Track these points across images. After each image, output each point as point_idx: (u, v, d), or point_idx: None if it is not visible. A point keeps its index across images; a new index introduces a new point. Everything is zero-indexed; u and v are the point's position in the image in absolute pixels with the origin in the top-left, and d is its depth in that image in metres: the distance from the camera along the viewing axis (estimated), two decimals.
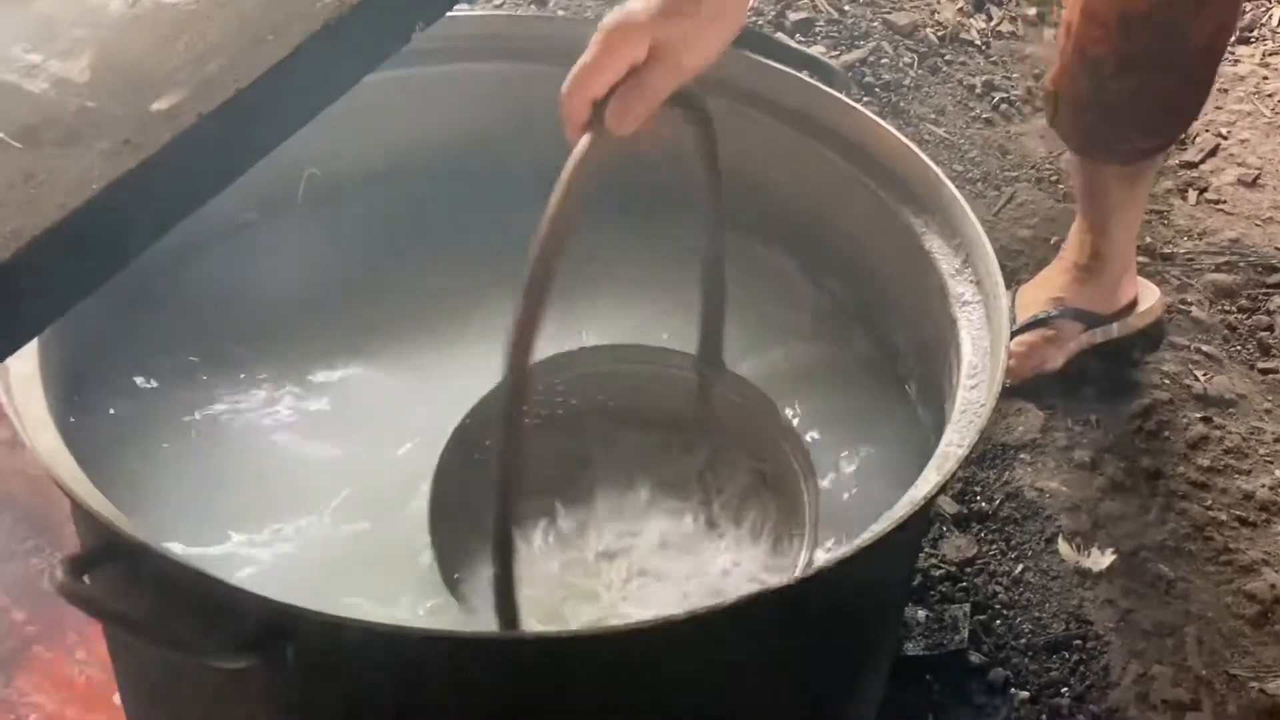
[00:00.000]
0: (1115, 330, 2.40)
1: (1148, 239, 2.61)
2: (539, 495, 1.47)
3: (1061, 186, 2.71)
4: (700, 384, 1.55)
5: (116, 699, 1.81)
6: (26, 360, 1.31)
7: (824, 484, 1.53)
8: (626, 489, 1.51)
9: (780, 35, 2.97)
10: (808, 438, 1.56)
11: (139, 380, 1.57)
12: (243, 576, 1.35)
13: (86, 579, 1.16)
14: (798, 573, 1.42)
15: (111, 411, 1.52)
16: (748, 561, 1.47)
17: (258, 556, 1.42)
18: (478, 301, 1.65)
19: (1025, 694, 1.97)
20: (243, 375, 1.59)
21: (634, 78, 1.25)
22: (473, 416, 1.47)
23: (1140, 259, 2.49)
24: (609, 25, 1.24)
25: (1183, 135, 2.24)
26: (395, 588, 1.40)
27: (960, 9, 3.13)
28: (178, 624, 1.16)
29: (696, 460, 1.54)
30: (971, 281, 1.52)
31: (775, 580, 1.43)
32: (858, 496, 1.53)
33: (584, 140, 1.25)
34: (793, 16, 3.03)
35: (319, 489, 1.49)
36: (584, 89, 1.25)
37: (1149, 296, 2.44)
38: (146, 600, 1.18)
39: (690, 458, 1.55)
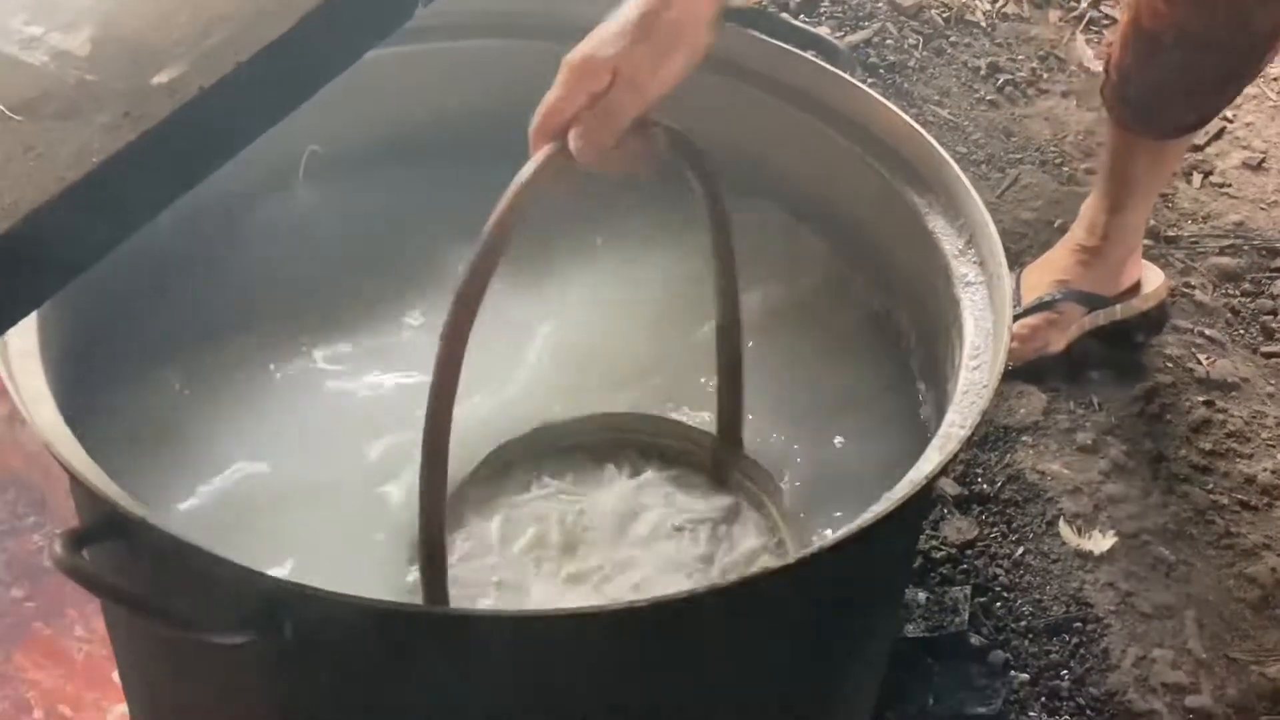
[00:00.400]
0: (1119, 313, 2.39)
1: (1152, 222, 2.61)
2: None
3: (1066, 169, 2.71)
4: (715, 463, 1.54)
5: (115, 675, 1.81)
6: (25, 334, 1.31)
7: (825, 463, 1.53)
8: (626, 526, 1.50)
9: (785, 15, 2.96)
10: (809, 421, 1.56)
11: (139, 357, 1.56)
12: (239, 551, 1.34)
13: (85, 554, 1.16)
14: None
15: (111, 387, 1.51)
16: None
17: (254, 529, 1.42)
18: None
19: (1025, 676, 1.97)
20: (242, 352, 1.59)
21: (595, 103, 1.27)
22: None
23: (1144, 242, 2.48)
24: (572, 59, 1.28)
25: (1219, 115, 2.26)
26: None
27: None
28: (175, 600, 1.16)
29: (711, 510, 1.53)
30: (975, 263, 1.52)
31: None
32: (859, 477, 1.53)
33: (536, 157, 1.27)
34: None
35: (319, 463, 1.48)
36: (549, 121, 1.28)
37: (1153, 279, 2.43)
38: (145, 576, 1.18)
39: (705, 505, 1.54)
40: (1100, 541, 2.12)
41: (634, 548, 1.47)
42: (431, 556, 1.25)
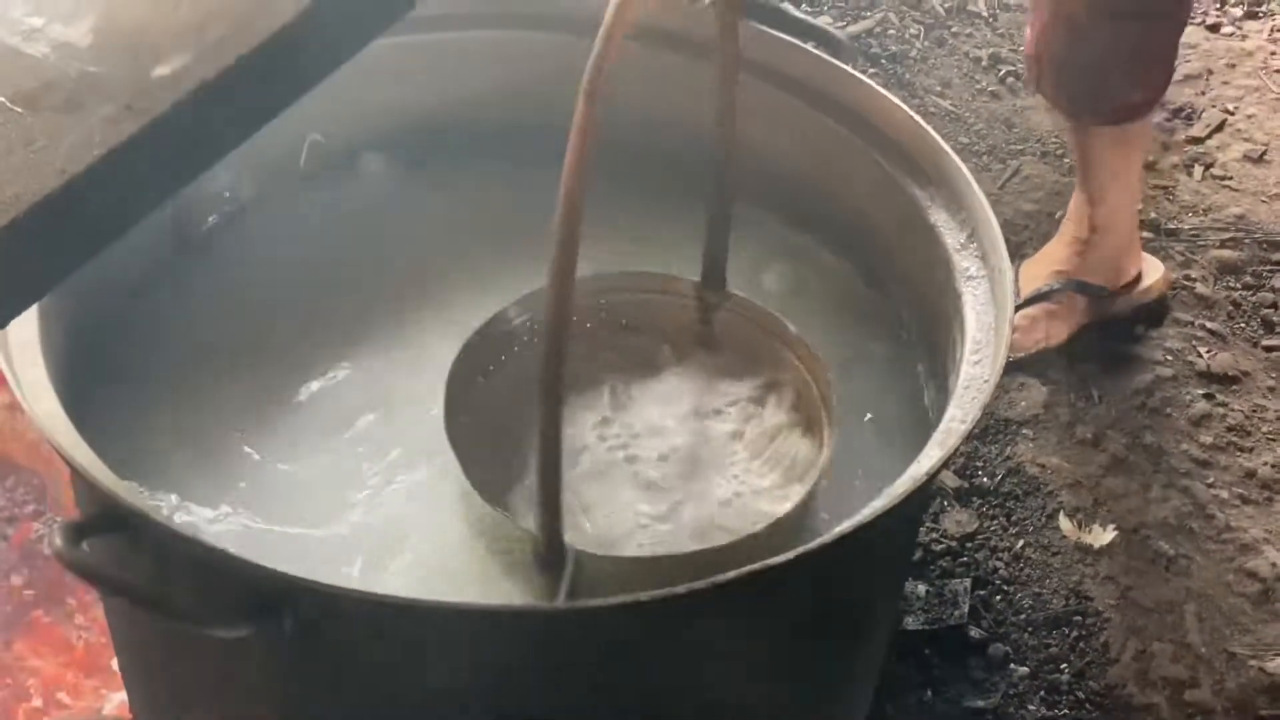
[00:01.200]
0: (1119, 305, 2.39)
1: (1152, 214, 2.61)
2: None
3: (1067, 160, 2.70)
4: (705, 306, 1.58)
5: (115, 664, 1.82)
6: (26, 326, 1.31)
7: (825, 459, 1.52)
8: (654, 400, 1.54)
9: (786, 5, 2.94)
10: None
11: (138, 348, 1.56)
12: (238, 543, 1.34)
13: (85, 546, 1.16)
14: (789, 508, 1.42)
15: (110, 378, 1.51)
16: (750, 495, 1.47)
17: (253, 520, 1.42)
18: (476, 264, 1.65)
19: (1024, 669, 1.97)
20: (242, 343, 1.58)
21: None
22: (480, 335, 1.51)
23: (1145, 234, 2.48)
24: None
25: (1166, 90, 2.24)
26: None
27: None
28: (175, 592, 1.16)
29: (739, 388, 1.56)
30: (976, 256, 1.51)
31: (776, 511, 1.43)
32: (859, 471, 1.53)
33: None
34: None
35: (321, 452, 1.49)
36: None
37: (1153, 272, 2.43)
38: (144, 568, 1.18)
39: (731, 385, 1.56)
40: (1100, 535, 2.12)
41: (668, 419, 1.51)
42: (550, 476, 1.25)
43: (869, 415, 1.59)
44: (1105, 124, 2.21)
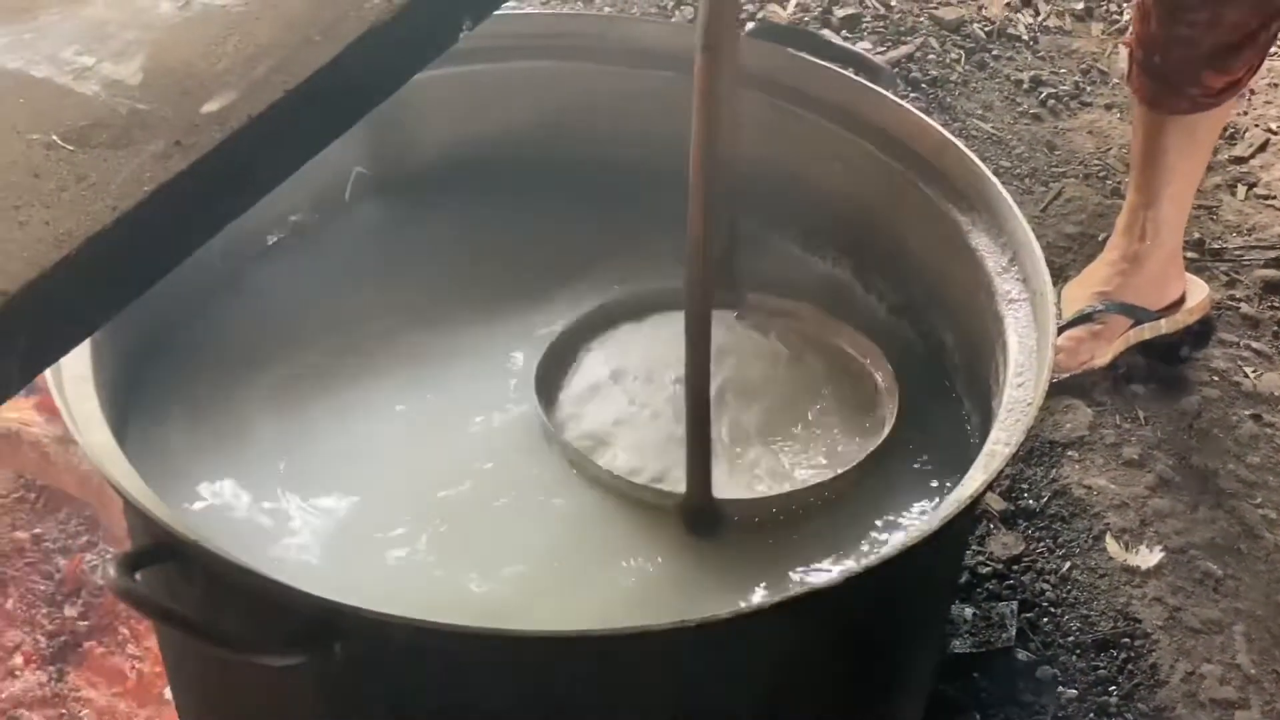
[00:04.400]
0: (1163, 326, 2.39)
1: (1196, 234, 2.60)
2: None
3: (1110, 182, 2.70)
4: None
5: (167, 693, 1.83)
6: (79, 360, 1.33)
7: (870, 478, 1.54)
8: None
9: (826, 31, 2.96)
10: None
11: (185, 378, 1.58)
12: (289, 569, 1.35)
13: (138, 576, 1.17)
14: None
15: (163, 410, 1.53)
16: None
17: (302, 548, 1.43)
18: (520, 294, 1.67)
19: (1073, 692, 1.96)
20: (286, 372, 1.60)
21: None
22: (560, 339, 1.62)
23: (1188, 255, 2.48)
24: None
25: (1248, 84, 2.26)
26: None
27: (1008, 4, 3.12)
28: (227, 622, 1.17)
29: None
30: (1018, 279, 1.52)
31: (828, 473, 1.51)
32: (904, 493, 1.53)
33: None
34: (839, 13, 3.02)
35: (372, 482, 1.50)
36: None
37: (1197, 292, 2.42)
38: (197, 598, 1.19)
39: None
40: (1147, 556, 2.11)
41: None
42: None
43: (911, 441, 1.59)
44: (1184, 111, 2.22)
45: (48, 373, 1.28)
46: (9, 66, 1.04)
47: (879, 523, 1.51)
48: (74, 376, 1.32)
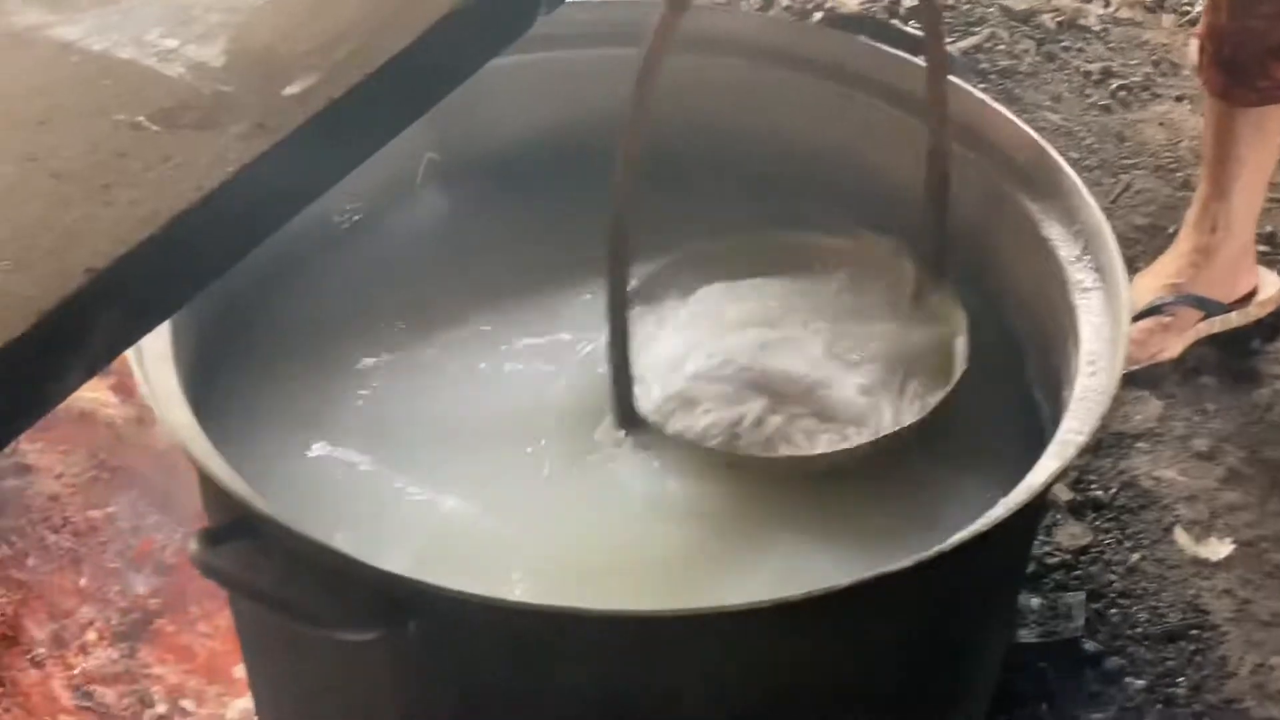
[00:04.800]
0: (1234, 319, 2.37)
1: (1268, 227, 2.58)
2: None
3: (1179, 174, 2.68)
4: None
5: (237, 671, 1.85)
6: (159, 338, 1.35)
7: (936, 472, 1.54)
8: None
9: (895, 21, 2.95)
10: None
11: (260, 356, 1.60)
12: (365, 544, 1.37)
13: (218, 552, 1.19)
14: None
15: (238, 388, 1.54)
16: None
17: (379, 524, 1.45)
18: (588, 276, 1.67)
19: (1140, 683, 1.96)
20: (368, 351, 1.62)
21: None
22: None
23: (1261, 248, 2.46)
24: None
25: None
26: None
27: None
28: (304, 597, 1.19)
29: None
30: (1091, 268, 1.51)
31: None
32: (973, 482, 1.53)
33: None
34: (907, 3, 3.01)
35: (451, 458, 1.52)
36: None
37: (1269, 285, 2.41)
38: (275, 573, 1.21)
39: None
40: (1217, 548, 2.10)
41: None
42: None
43: (981, 429, 1.59)
44: (1253, 103, 2.21)
45: (129, 351, 1.30)
46: (95, 49, 1.06)
47: (947, 510, 1.51)
48: (155, 355, 1.34)
